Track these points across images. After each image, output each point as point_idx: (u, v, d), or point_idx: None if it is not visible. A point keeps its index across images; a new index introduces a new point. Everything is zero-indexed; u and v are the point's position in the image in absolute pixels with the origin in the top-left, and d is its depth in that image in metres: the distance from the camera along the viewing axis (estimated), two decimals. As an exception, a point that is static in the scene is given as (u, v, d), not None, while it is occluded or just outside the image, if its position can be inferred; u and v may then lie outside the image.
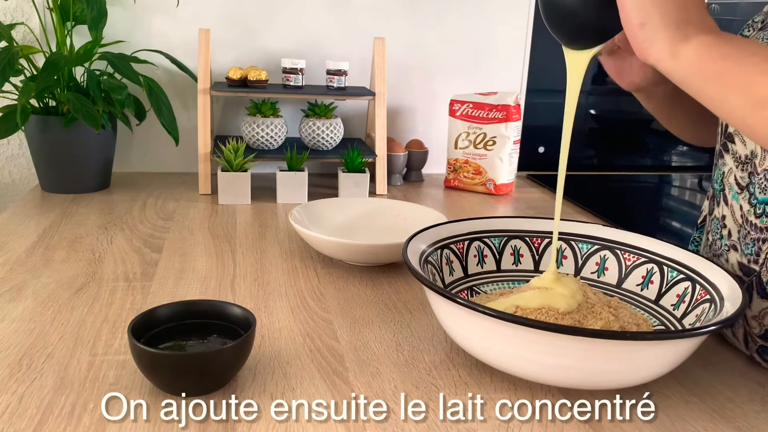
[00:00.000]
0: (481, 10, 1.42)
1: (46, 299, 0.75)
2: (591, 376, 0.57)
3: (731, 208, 0.70)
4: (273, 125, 1.24)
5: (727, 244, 0.71)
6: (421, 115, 1.46)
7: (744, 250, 0.68)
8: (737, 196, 0.69)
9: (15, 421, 0.53)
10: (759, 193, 0.66)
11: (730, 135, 0.71)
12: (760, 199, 0.66)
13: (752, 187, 0.67)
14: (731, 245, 0.71)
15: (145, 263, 0.87)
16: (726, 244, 0.71)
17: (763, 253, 0.65)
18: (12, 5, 1.25)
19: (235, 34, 1.32)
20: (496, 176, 1.31)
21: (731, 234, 0.70)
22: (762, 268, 0.66)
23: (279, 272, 0.87)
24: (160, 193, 1.20)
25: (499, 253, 0.79)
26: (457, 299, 0.58)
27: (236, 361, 0.59)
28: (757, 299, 0.66)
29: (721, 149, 0.73)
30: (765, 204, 0.65)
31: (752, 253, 0.67)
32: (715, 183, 0.75)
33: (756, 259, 0.66)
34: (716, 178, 0.75)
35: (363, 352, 0.67)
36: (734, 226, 0.70)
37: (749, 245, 0.67)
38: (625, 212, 1.38)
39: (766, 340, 0.66)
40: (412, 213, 1.01)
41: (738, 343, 0.70)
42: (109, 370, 0.61)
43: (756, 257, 0.66)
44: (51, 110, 1.16)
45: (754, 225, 0.67)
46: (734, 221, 0.70)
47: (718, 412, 0.60)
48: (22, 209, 1.07)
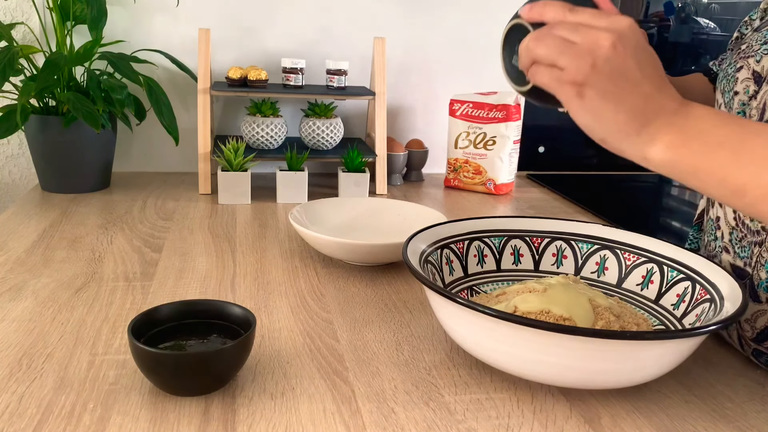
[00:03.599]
0: (481, 10, 1.42)
1: (46, 299, 0.75)
2: (591, 376, 0.57)
3: (725, 209, 0.71)
4: (273, 125, 1.24)
5: (720, 245, 0.72)
6: (421, 115, 1.46)
7: (739, 253, 0.69)
8: None
9: (15, 421, 0.53)
10: None
11: None
12: None
13: None
14: (723, 247, 0.71)
15: (145, 263, 0.87)
16: (719, 245, 0.72)
17: (755, 256, 0.66)
18: (12, 5, 1.25)
19: (235, 34, 1.32)
20: (496, 176, 1.31)
21: (724, 236, 0.71)
22: (754, 271, 0.66)
23: (279, 272, 0.87)
24: (160, 193, 1.20)
25: (499, 253, 0.79)
26: (457, 299, 0.58)
27: (236, 360, 0.59)
28: (749, 302, 0.66)
29: None
30: None
31: (746, 256, 0.67)
32: None
33: (749, 261, 0.67)
34: None
35: (363, 351, 0.67)
36: (726, 228, 0.70)
37: (745, 248, 0.67)
38: (625, 212, 1.38)
39: (759, 344, 0.66)
40: (412, 213, 1.01)
41: (734, 344, 0.70)
42: (109, 370, 0.61)
43: (748, 260, 0.67)
44: (51, 110, 1.16)
45: (749, 227, 0.67)
46: (726, 223, 0.70)
47: (718, 412, 0.60)
48: (22, 209, 1.07)
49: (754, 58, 0.68)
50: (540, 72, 0.52)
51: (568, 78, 0.50)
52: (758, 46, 0.69)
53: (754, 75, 0.67)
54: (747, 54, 0.70)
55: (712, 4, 1.66)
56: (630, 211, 1.41)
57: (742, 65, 0.70)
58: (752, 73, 0.68)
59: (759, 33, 0.71)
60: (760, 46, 0.68)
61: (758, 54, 0.68)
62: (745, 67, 0.69)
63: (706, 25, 1.67)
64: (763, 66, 0.67)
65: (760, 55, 0.68)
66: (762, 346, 0.66)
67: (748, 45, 0.71)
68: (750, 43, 0.71)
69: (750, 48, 0.70)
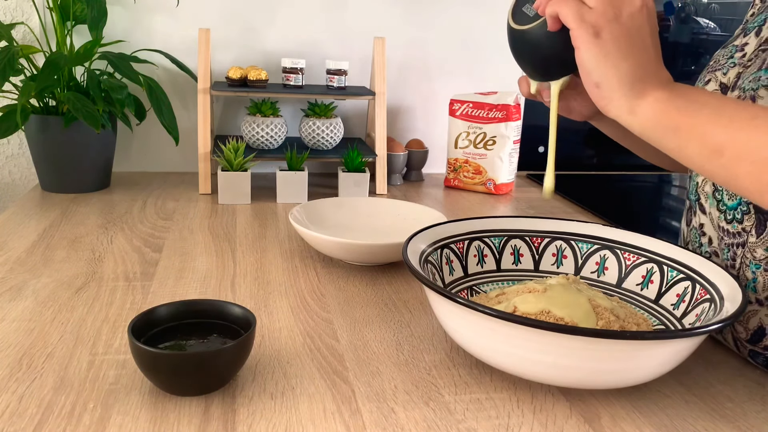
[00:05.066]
0: (481, 10, 1.42)
1: (46, 299, 0.75)
2: (591, 376, 0.57)
3: (710, 215, 0.71)
4: (273, 125, 1.24)
5: (708, 251, 0.72)
6: (421, 115, 1.46)
7: (722, 256, 0.69)
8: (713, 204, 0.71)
9: (15, 420, 0.53)
10: (728, 199, 0.68)
11: None
12: (729, 205, 0.67)
13: (718, 194, 0.69)
14: (713, 251, 0.71)
15: (145, 263, 0.87)
16: (707, 251, 0.72)
17: (739, 258, 0.66)
18: (12, 5, 1.25)
19: (235, 34, 1.32)
20: (496, 176, 1.31)
21: (712, 241, 0.71)
22: (739, 272, 0.66)
23: (279, 272, 0.87)
24: (160, 193, 1.20)
25: (499, 253, 0.79)
26: (457, 299, 0.58)
27: (236, 360, 0.59)
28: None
29: None
30: (734, 210, 0.67)
31: (728, 258, 0.68)
32: (690, 195, 0.77)
33: (732, 264, 0.67)
34: (691, 190, 0.76)
35: (363, 351, 0.67)
36: (714, 233, 0.71)
37: (724, 250, 0.68)
38: (625, 212, 1.38)
39: (754, 344, 0.66)
40: (412, 213, 1.01)
41: (730, 346, 0.70)
42: (109, 370, 0.61)
43: (732, 262, 0.67)
44: (51, 110, 1.16)
45: (727, 231, 0.68)
46: (713, 228, 0.71)
47: (718, 411, 0.60)
48: (22, 209, 1.07)
49: (721, 71, 0.72)
50: (564, 3, 0.55)
51: (591, 17, 0.55)
52: (724, 60, 0.73)
53: (720, 86, 0.72)
54: (714, 68, 0.74)
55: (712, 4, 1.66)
56: (630, 211, 1.41)
57: (710, 78, 0.74)
58: (719, 84, 0.72)
59: (725, 49, 0.74)
60: (726, 60, 0.72)
61: (725, 67, 0.72)
62: (713, 80, 0.73)
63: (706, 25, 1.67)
64: (729, 77, 0.71)
65: (726, 68, 0.72)
66: (757, 346, 0.66)
67: (715, 60, 0.75)
68: (717, 58, 0.75)
69: (717, 63, 0.74)
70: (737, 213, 0.66)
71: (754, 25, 0.72)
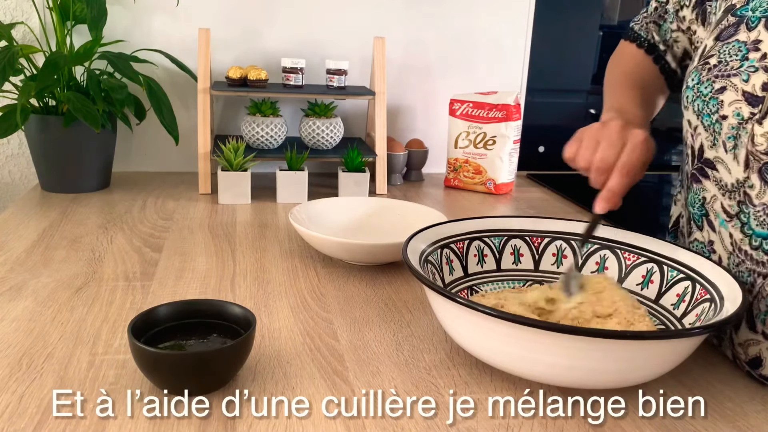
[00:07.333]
0: (481, 10, 1.42)
1: (46, 299, 0.75)
2: (591, 376, 0.57)
3: (719, 235, 0.69)
4: (273, 125, 1.23)
5: None
6: (421, 115, 1.46)
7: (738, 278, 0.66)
8: (726, 224, 0.67)
9: (15, 420, 0.53)
10: (756, 226, 0.64)
11: (708, 161, 0.68)
12: (756, 232, 0.64)
13: (744, 216, 0.64)
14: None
15: (145, 263, 0.87)
16: None
17: (758, 287, 0.64)
18: (12, 5, 1.25)
19: (235, 33, 1.32)
20: (496, 176, 1.31)
21: (721, 260, 0.69)
22: (755, 300, 0.65)
23: (279, 272, 0.87)
24: (160, 193, 1.20)
25: (499, 253, 0.79)
26: (457, 299, 0.58)
27: (236, 360, 0.59)
28: (744, 329, 0.66)
29: (696, 173, 0.71)
30: (763, 239, 0.63)
31: (747, 283, 0.65)
32: (691, 206, 0.74)
33: (750, 289, 0.65)
34: (692, 202, 0.73)
35: (363, 351, 0.67)
36: (724, 252, 0.69)
37: (744, 274, 0.66)
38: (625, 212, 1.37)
39: (753, 368, 0.66)
40: (412, 212, 1.01)
41: (729, 357, 0.70)
42: (109, 370, 0.61)
43: (751, 287, 0.65)
44: (51, 110, 1.16)
45: (750, 256, 0.65)
46: (724, 248, 0.69)
47: (718, 411, 0.60)
48: (22, 209, 1.07)
49: (739, 77, 0.63)
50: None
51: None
52: (736, 62, 0.64)
53: (745, 96, 0.62)
54: (724, 72, 0.64)
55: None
56: (630, 211, 1.41)
57: (724, 85, 0.64)
58: (742, 94, 0.62)
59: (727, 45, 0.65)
60: (739, 61, 0.63)
61: (742, 72, 0.63)
62: (731, 88, 0.63)
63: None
64: (754, 85, 0.62)
65: (745, 74, 0.62)
66: (755, 372, 0.66)
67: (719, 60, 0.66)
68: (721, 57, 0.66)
69: (725, 63, 0.65)
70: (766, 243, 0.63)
71: (757, 16, 0.64)
